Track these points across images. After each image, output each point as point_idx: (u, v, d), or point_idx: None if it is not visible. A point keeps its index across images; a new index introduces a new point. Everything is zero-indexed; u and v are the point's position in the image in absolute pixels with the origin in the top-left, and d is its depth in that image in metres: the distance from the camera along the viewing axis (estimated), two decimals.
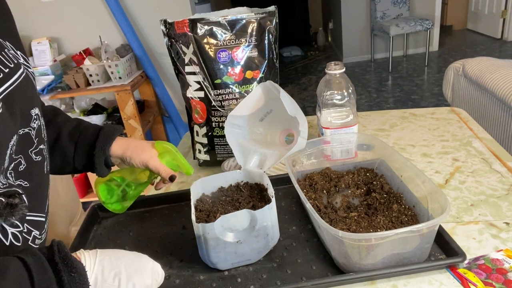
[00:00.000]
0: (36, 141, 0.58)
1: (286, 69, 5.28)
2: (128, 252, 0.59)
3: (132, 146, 0.75)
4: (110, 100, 2.69)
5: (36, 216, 0.58)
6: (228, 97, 1.00)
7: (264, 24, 0.98)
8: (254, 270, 0.69)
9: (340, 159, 0.91)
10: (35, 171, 0.58)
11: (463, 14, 5.77)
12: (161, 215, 0.89)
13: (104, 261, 0.54)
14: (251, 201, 0.77)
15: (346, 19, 4.97)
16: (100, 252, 0.55)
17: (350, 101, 0.95)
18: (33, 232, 0.57)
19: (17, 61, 0.56)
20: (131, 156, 0.74)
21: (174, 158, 0.77)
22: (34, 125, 0.57)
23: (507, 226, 0.73)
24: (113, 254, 0.56)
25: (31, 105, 0.57)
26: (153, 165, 0.74)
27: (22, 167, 0.54)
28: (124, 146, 0.75)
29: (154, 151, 0.76)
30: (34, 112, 0.57)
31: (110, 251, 0.57)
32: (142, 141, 0.78)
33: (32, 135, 0.57)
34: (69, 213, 1.15)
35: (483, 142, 1.03)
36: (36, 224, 0.58)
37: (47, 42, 2.42)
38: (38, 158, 0.58)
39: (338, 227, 0.70)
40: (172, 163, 0.77)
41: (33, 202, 0.57)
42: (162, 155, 0.76)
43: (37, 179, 0.58)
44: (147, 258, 0.59)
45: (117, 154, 0.75)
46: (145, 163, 0.74)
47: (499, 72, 1.69)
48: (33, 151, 0.57)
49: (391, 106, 3.65)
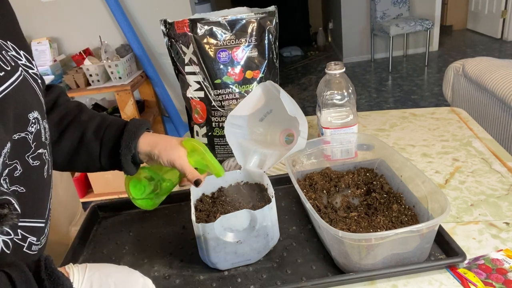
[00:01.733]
0: (33, 146, 0.56)
1: (286, 69, 5.28)
2: (119, 268, 0.57)
3: (161, 143, 0.71)
4: (110, 100, 2.69)
5: (33, 222, 0.56)
6: (228, 97, 1.00)
7: (264, 24, 0.98)
8: (254, 270, 0.69)
9: (340, 159, 0.91)
10: (32, 176, 0.56)
11: (463, 14, 5.77)
12: (161, 215, 0.89)
13: (94, 277, 0.52)
14: (251, 201, 0.77)
15: (346, 19, 4.96)
16: (90, 267, 0.54)
17: (350, 101, 0.95)
18: (29, 238, 0.56)
19: (15, 64, 0.54)
20: (159, 154, 0.70)
21: (203, 157, 0.72)
22: (32, 129, 0.55)
23: (507, 226, 0.73)
24: (103, 270, 0.54)
25: (29, 108, 0.55)
26: (179, 165, 0.70)
27: (18, 173, 0.53)
28: (152, 143, 0.71)
29: (183, 149, 0.71)
30: (32, 116, 0.55)
31: (101, 266, 0.55)
32: (171, 138, 0.73)
33: (30, 139, 0.55)
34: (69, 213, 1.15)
35: (483, 142, 1.03)
36: (33, 230, 0.57)
37: (47, 42, 2.42)
38: (36, 163, 0.56)
39: (338, 227, 0.70)
40: (201, 162, 0.73)
41: (30, 208, 0.56)
42: (191, 153, 0.72)
43: (35, 184, 0.56)
44: (138, 274, 0.57)
45: (144, 151, 0.71)
46: (172, 162, 0.70)
47: (499, 72, 1.69)
48: (30, 156, 0.55)
49: (391, 106, 3.65)
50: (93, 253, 0.80)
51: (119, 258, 0.77)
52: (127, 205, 0.90)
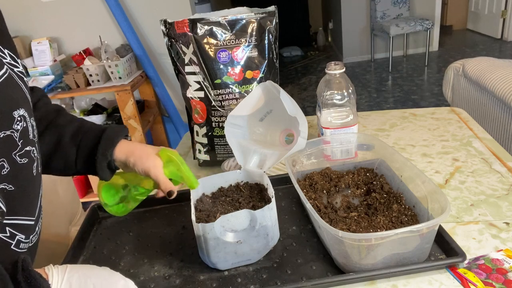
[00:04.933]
0: (20, 144, 0.55)
1: (286, 69, 5.28)
2: (100, 269, 0.57)
3: (137, 152, 0.71)
4: (110, 100, 2.69)
5: (22, 220, 0.56)
6: (228, 97, 1.00)
7: (264, 24, 0.98)
8: (254, 270, 0.69)
9: (340, 159, 0.91)
10: (21, 174, 0.55)
11: (463, 14, 5.77)
12: (161, 215, 0.89)
13: (73, 279, 0.52)
14: (251, 201, 0.77)
15: (346, 19, 4.97)
16: (70, 268, 0.53)
17: (350, 101, 0.95)
18: (18, 236, 0.55)
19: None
20: (134, 163, 0.71)
21: (179, 169, 0.72)
22: (18, 127, 0.55)
23: (507, 226, 0.73)
24: (83, 272, 0.54)
25: (14, 106, 0.54)
26: (154, 174, 0.70)
27: (5, 171, 0.52)
28: (127, 152, 0.72)
29: (159, 159, 0.71)
30: (17, 114, 0.55)
31: (81, 268, 0.55)
32: (147, 147, 0.73)
33: (16, 137, 0.54)
34: (69, 213, 1.15)
35: (483, 142, 1.03)
36: (22, 228, 0.56)
37: (47, 42, 2.42)
38: (24, 161, 0.56)
39: (338, 227, 0.70)
40: (176, 174, 0.72)
41: (19, 206, 0.55)
42: (166, 164, 0.72)
43: (23, 182, 0.56)
44: (119, 276, 0.57)
45: (120, 159, 0.72)
46: (146, 171, 0.70)
47: (499, 72, 1.69)
48: (17, 154, 0.55)
49: (391, 106, 3.65)
50: (93, 253, 0.80)
51: (119, 258, 0.77)
52: None
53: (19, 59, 0.61)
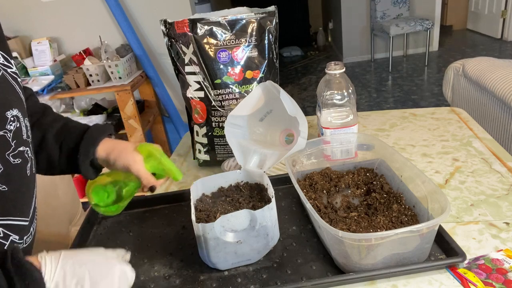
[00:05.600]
0: (13, 144, 0.55)
1: (286, 69, 5.28)
2: (95, 255, 0.56)
3: (117, 149, 0.71)
4: (110, 100, 2.69)
5: (16, 220, 0.56)
6: (228, 97, 1.00)
7: (264, 24, 0.98)
8: (254, 270, 0.69)
9: (340, 159, 0.91)
10: (14, 174, 0.55)
11: (463, 14, 5.77)
12: (161, 215, 0.89)
13: (67, 266, 0.51)
14: (251, 201, 0.77)
15: (346, 19, 4.97)
16: (63, 255, 0.52)
17: (350, 101, 0.95)
18: (11, 236, 0.55)
19: None
20: (115, 160, 0.70)
21: (160, 162, 0.71)
22: (11, 127, 0.55)
23: (507, 226, 0.73)
24: (77, 259, 0.53)
25: (7, 106, 0.54)
26: (135, 170, 0.69)
27: None
28: (108, 149, 0.71)
29: (139, 154, 0.71)
30: (10, 114, 0.55)
31: (75, 255, 0.54)
32: (127, 144, 0.73)
33: (9, 137, 0.54)
34: (69, 213, 1.15)
35: (483, 142, 1.03)
36: (16, 228, 0.56)
37: (47, 42, 2.42)
38: (17, 161, 0.56)
39: (338, 227, 0.70)
40: (158, 167, 0.72)
41: (13, 206, 0.55)
42: (147, 159, 0.71)
43: (17, 182, 0.56)
44: (114, 261, 0.56)
45: (101, 157, 0.71)
46: (127, 167, 0.69)
47: (499, 72, 1.69)
48: (10, 154, 0.54)
49: (391, 106, 3.65)
50: None
51: None
52: (127, 205, 0.90)
53: (13, 60, 0.60)
